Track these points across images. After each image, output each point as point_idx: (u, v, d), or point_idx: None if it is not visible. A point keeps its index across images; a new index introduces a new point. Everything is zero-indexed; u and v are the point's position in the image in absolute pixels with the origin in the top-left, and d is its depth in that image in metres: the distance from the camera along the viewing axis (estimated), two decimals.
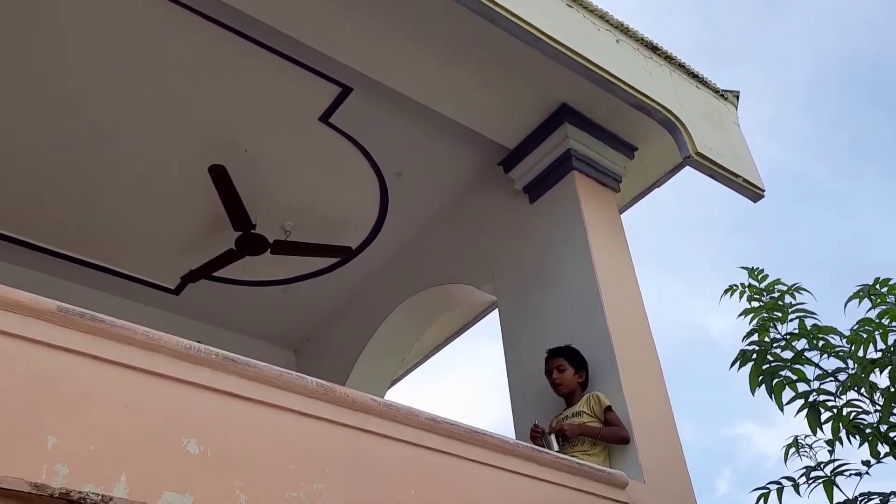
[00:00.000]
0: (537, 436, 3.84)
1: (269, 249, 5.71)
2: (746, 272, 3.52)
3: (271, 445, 2.57)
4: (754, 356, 3.38)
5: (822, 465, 3.35)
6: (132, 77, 4.77)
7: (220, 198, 5.32)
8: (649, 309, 4.53)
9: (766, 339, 3.41)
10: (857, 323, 3.31)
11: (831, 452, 3.36)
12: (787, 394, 3.39)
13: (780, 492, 3.32)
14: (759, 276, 3.51)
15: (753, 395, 3.42)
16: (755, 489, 3.35)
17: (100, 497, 2.11)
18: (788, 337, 3.37)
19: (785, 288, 3.44)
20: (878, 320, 3.26)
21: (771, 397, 3.37)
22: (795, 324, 3.39)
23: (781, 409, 3.38)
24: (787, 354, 3.38)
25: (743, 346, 3.47)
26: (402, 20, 4.36)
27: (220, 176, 5.22)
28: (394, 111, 5.02)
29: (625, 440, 3.86)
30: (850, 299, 3.38)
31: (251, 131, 5.19)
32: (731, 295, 3.52)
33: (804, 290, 3.43)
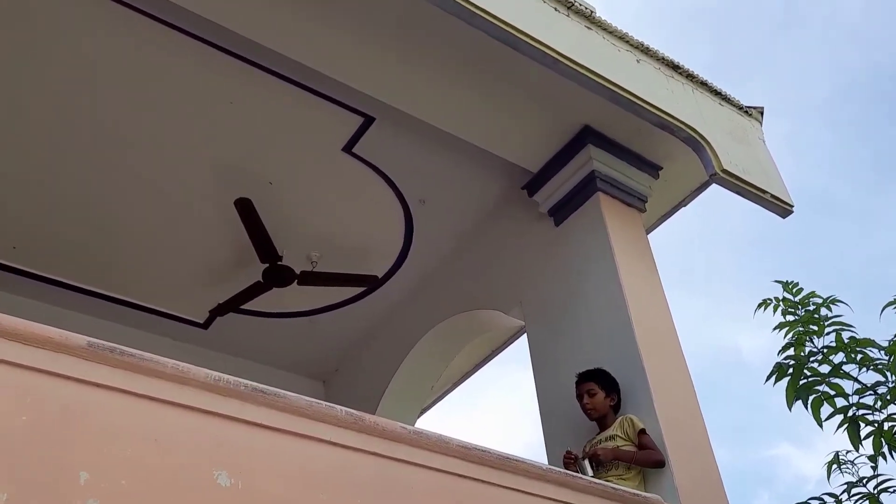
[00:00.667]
0: (570, 462, 3.79)
1: (296, 281, 5.73)
2: (780, 286, 3.47)
3: (302, 475, 2.56)
4: (790, 370, 3.32)
5: (864, 481, 3.28)
6: (158, 113, 4.83)
7: (247, 230, 5.36)
8: (679, 329, 4.47)
9: (803, 353, 3.35)
10: None
11: (874, 468, 3.30)
12: (826, 409, 3.33)
13: None
14: (794, 290, 3.46)
15: (790, 409, 3.36)
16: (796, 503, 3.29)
17: None
18: (825, 350, 3.32)
19: (820, 300, 3.38)
20: None
21: (809, 412, 3.31)
22: (832, 337, 3.33)
23: (821, 425, 3.32)
24: (824, 369, 3.32)
25: (778, 360, 3.41)
26: (421, 48, 4.39)
27: (245, 209, 5.26)
28: (416, 139, 5.04)
29: (660, 464, 3.79)
30: (887, 306, 3.31)
31: (275, 163, 5.23)
32: (766, 309, 3.47)
33: (840, 301, 3.38)
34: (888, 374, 3.26)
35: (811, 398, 3.34)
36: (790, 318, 3.46)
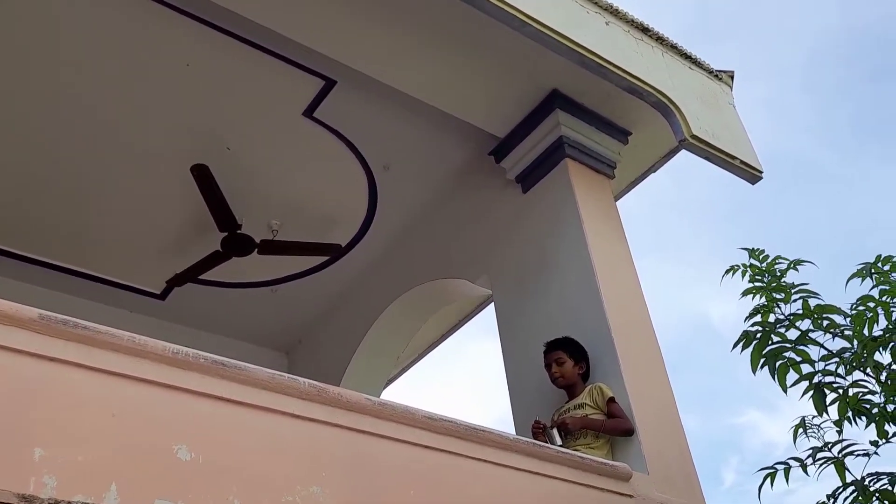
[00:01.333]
0: (539, 431, 3.76)
1: (257, 250, 5.62)
2: (747, 253, 3.45)
3: (265, 449, 2.52)
4: (758, 336, 3.31)
5: (829, 446, 3.30)
6: (112, 77, 4.67)
7: (204, 198, 5.22)
8: (648, 297, 4.46)
9: (770, 321, 3.35)
10: (858, 300, 3.26)
11: (839, 433, 3.31)
12: (792, 376, 3.33)
13: (786, 472, 3.28)
14: (761, 257, 3.44)
15: (755, 374, 3.36)
16: (761, 468, 3.30)
17: None
18: (792, 317, 3.31)
19: (786, 264, 3.37)
20: (880, 298, 3.21)
21: (774, 379, 3.31)
22: (799, 305, 3.33)
23: (785, 391, 3.32)
24: (792, 335, 3.32)
25: (746, 327, 3.40)
26: (383, 9, 4.27)
27: (202, 175, 5.12)
28: (380, 103, 4.93)
29: (629, 432, 3.78)
30: (851, 277, 3.33)
31: (233, 128, 5.09)
32: (733, 275, 3.45)
33: (806, 261, 3.37)
34: (854, 341, 3.27)
35: (777, 364, 3.33)
36: (757, 284, 3.44)
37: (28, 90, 4.67)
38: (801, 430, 3.37)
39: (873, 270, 3.32)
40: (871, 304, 3.21)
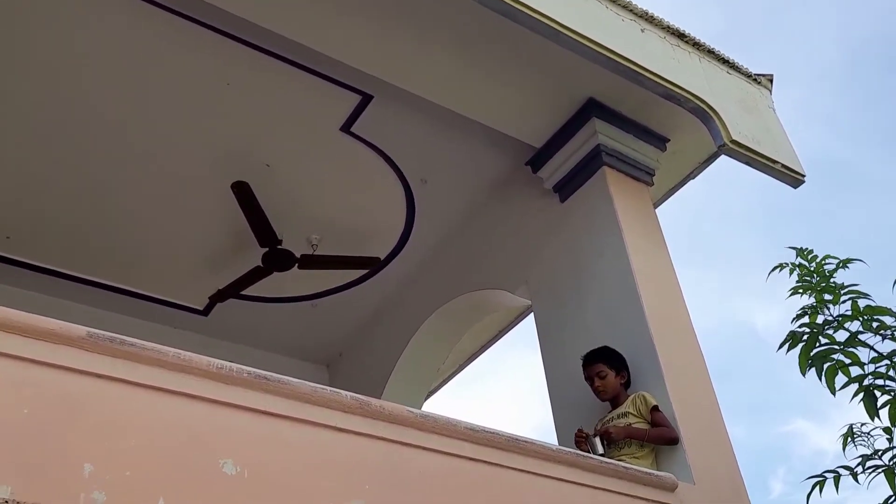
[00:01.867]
0: (582, 440, 3.73)
1: (297, 264, 5.66)
2: (795, 252, 3.38)
3: (308, 462, 2.53)
4: (805, 337, 3.25)
5: (880, 454, 3.23)
6: (153, 97, 4.75)
7: (245, 214, 5.28)
8: (690, 305, 4.40)
9: (818, 322, 3.28)
10: None
11: (889, 440, 3.24)
12: (840, 379, 3.26)
13: (836, 480, 3.22)
14: (809, 257, 3.38)
15: (804, 375, 3.30)
16: (810, 477, 3.24)
17: None
18: (840, 318, 3.24)
19: (835, 263, 3.30)
20: None
21: (822, 381, 3.25)
22: (847, 306, 3.26)
23: (833, 393, 3.26)
24: (840, 336, 3.25)
25: (793, 328, 3.34)
26: (417, 22, 4.28)
27: (243, 192, 5.18)
28: (416, 116, 4.95)
29: (673, 441, 3.73)
30: None
31: (272, 145, 5.15)
32: (780, 271, 3.38)
33: (856, 259, 3.30)
34: None
35: (826, 366, 3.27)
36: (806, 282, 3.37)
37: (70, 112, 4.76)
38: (850, 438, 3.31)
39: None
40: None
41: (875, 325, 3.22)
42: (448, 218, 5.73)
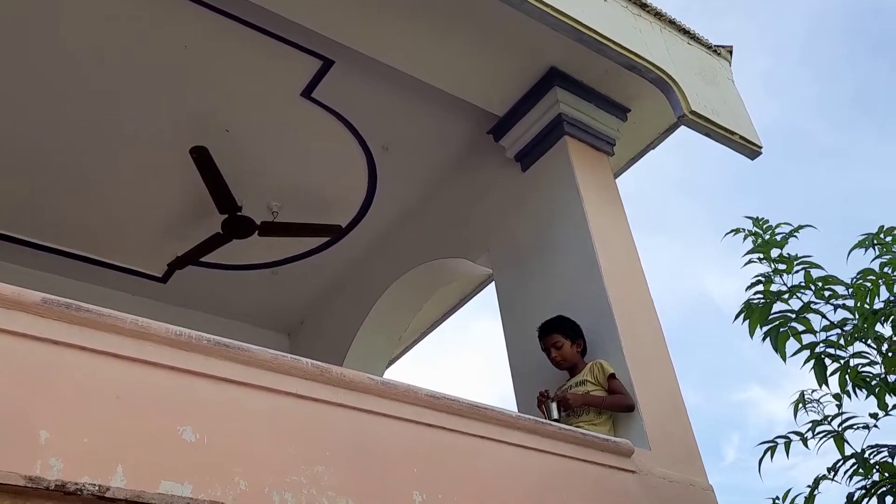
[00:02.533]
0: (544, 401, 3.78)
1: (257, 231, 5.61)
2: (751, 221, 3.43)
3: (269, 430, 2.53)
4: (760, 305, 3.31)
5: (829, 419, 3.31)
6: (109, 61, 4.65)
7: (204, 180, 5.21)
8: (649, 275, 4.46)
9: (772, 290, 3.34)
10: (859, 273, 3.25)
11: (839, 406, 3.32)
12: (792, 346, 3.33)
13: (787, 445, 3.29)
14: (764, 227, 3.43)
15: (752, 338, 3.35)
16: (762, 443, 3.32)
17: (96, 487, 2.07)
18: (793, 288, 3.30)
19: (789, 229, 3.35)
20: (881, 270, 3.21)
21: (775, 349, 3.31)
22: (801, 277, 3.32)
23: (784, 360, 3.32)
24: (794, 305, 3.32)
25: (748, 296, 3.39)
26: None
27: (202, 157, 5.10)
28: (378, 83, 4.91)
29: (630, 408, 3.80)
30: (854, 248, 3.31)
31: (232, 110, 5.07)
32: (735, 235, 3.43)
33: (808, 226, 3.36)
34: (855, 312, 3.27)
35: (780, 331, 3.33)
36: (759, 255, 3.43)
37: (27, 75, 4.64)
38: (801, 404, 3.38)
39: (875, 241, 3.31)
40: (873, 278, 3.21)
41: (827, 293, 3.28)
42: (410, 186, 5.71)
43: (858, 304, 3.24)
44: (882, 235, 3.28)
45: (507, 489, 3.01)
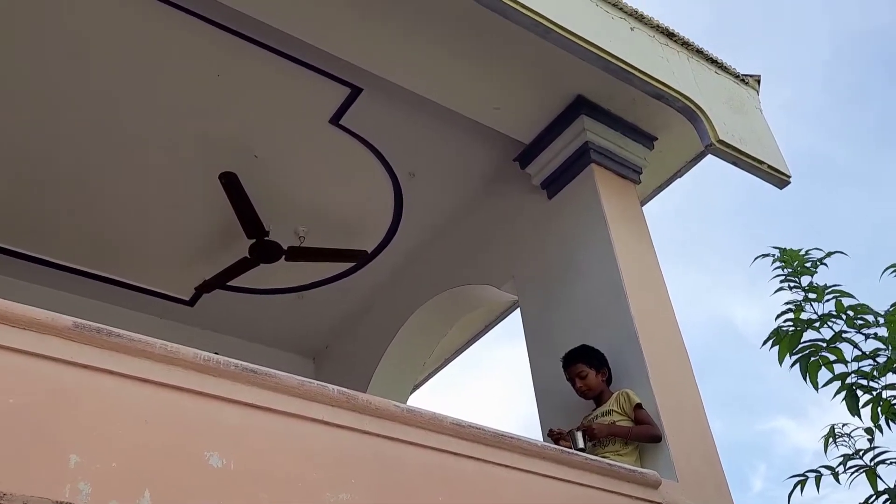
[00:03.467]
0: (555, 438, 3.74)
1: (284, 256, 5.65)
2: (779, 252, 3.39)
3: (294, 456, 2.53)
4: (789, 332, 3.26)
5: (861, 454, 3.25)
6: (142, 86, 4.73)
7: (232, 205, 5.27)
8: (674, 302, 4.43)
9: (802, 318, 3.29)
10: (894, 304, 3.20)
11: (870, 440, 3.26)
12: (824, 376, 3.28)
13: (817, 480, 3.23)
14: (792, 256, 3.39)
15: (780, 364, 3.30)
16: (792, 476, 3.26)
17: None
18: (824, 317, 3.26)
19: (819, 255, 3.31)
20: None
21: (805, 378, 3.26)
22: (832, 305, 3.27)
23: (816, 389, 3.27)
24: (825, 334, 3.27)
25: (777, 324, 3.35)
26: (408, 16, 4.28)
27: (231, 183, 5.16)
28: (405, 110, 4.95)
29: (656, 439, 3.76)
30: (887, 269, 3.24)
31: (261, 136, 5.13)
32: (764, 259, 3.38)
33: (838, 251, 3.31)
34: (889, 344, 3.22)
35: (810, 360, 3.28)
36: (788, 283, 3.39)
37: (59, 99, 4.74)
38: (831, 438, 3.33)
39: None
40: None
41: (859, 322, 3.23)
42: (436, 212, 5.73)
43: (892, 334, 3.18)
44: None
45: None
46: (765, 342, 3.35)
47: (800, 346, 3.26)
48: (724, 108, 4.37)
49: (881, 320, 3.20)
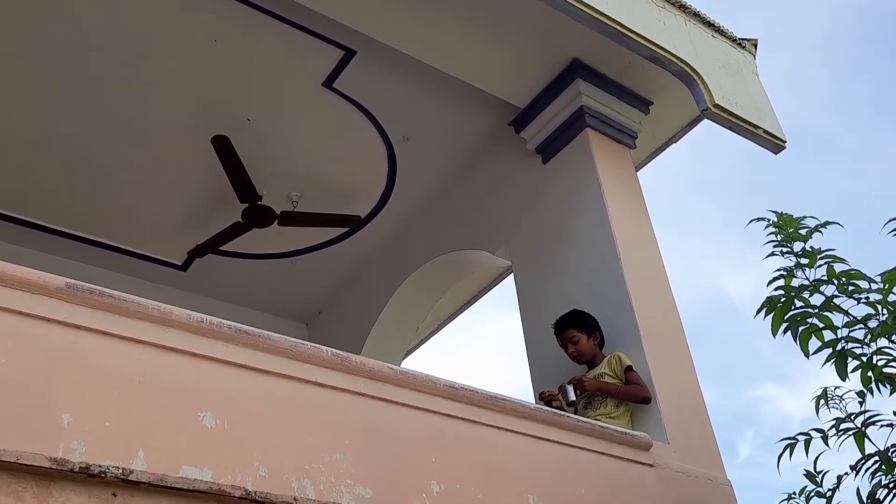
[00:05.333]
0: (549, 401, 3.77)
1: (277, 221, 5.63)
2: (774, 215, 3.39)
3: (288, 417, 2.54)
4: (781, 301, 3.27)
5: (852, 417, 3.28)
6: (133, 50, 4.67)
7: (225, 169, 5.23)
8: (667, 269, 4.43)
9: (793, 285, 3.30)
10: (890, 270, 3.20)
11: (861, 403, 3.29)
12: (814, 343, 3.30)
13: (807, 443, 3.27)
14: (788, 220, 3.39)
15: (774, 336, 3.32)
16: (782, 439, 3.29)
17: (119, 471, 2.09)
18: (816, 283, 3.27)
19: (813, 225, 3.31)
20: None
21: (797, 343, 3.28)
22: (823, 270, 3.28)
23: (807, 356, 3.29)
24: (816, 300, 3.28)
25: (765, 296, 3.36)
26: None
27: (223, 147, 5.12)
28: (399, 73, 4.90)
29: (646, 399, 3.79)
30: (891, 220, 3.23)
31: (253, 100, 5.09)
32: (759, 223, 3.38)
33: (833, 223, 3.31)
34: (879, 307, 3.23)
35: (800, 329, 3.30)
36: (781, 249, 3.39)
37: (53, 63, 4.67)
38: (823, 400, 3.35)
39: None
40: None
41: (850, 288, 3.24)
42: (430, 177, 5.71)
43: (886, 296, 3.18)
44: None
45: (524, 480, 3.01)
46: (758, 312, 3.36)
47: (791, 313, 3.27)
48: (721, 72, 4.34)
49: (874, 286, 3.21)
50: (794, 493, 3.54)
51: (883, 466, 3.10)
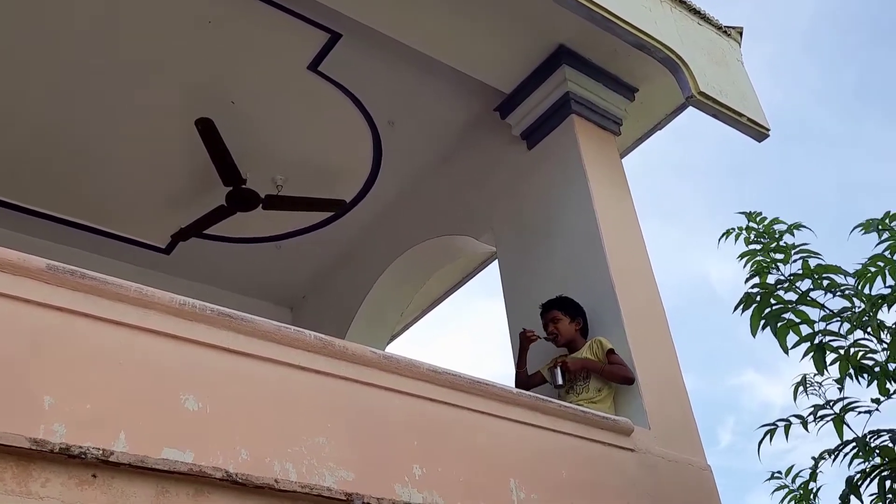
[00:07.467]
0: (528, 338, 3.92)
1: (261, 205, 5.61)
2: (745, 217, 3.42)
3: (271, 400, 2.54)
4: (758, 298, 3.31)
5: (831, 403, 3.31)
6: (116, 31, 4.63)
7: (208, 152, 5.20)
8: (650, 256, 4.45)
9: (769, 282, 3.33)
10: (869, 259, 3.23)
11: (840, 390, 3.32)
12: (793, 338, 3.33)
13: (787, 428, 3.30)
14: (758, 220, 3.42)
15: (754, 336, 3.35)
16: (763, 425, 3.32)
17: (100, 452, 2.08)
18: (792, 278, 3.30)
19: (785, 227, 3.35)
20: (887, 255, 3.20)
21: (776, 337, 3.31)
22: (799, 265, 3.31)
23: (786, 352, 3.32)
24: (791, 296, 3.31)
25: (747, 289, 3.39)
26: None
27: (207, 129, 5.09)
28: (385, 57, 4.88)
29: (628, 380, 3.81)
30: (856, 227, 3.28)
31: (238, 82, 5.06)
32: (727, 238, 3.43)
33: (804, 227, 3.35)
34: (855, 300, 3.26)
35: (778, 325, 3.33)
36: (755, 246, 3.42)
37: (37, 40, 4.62)
38: (801, 387, 3.39)
39: (881, 227, 3.29)
40: (881, 264, 3.19)
41: (825, 283, 3.27)
42: (415, 162, 5.70)
43: (861, 290, 3.23)
44: (888, 221, 3.26)
45: (506, 464, 3.03)
46: (735, 307, 3.39)
47: (768, 310, 3.30)
48: (706, 59, 4.35)
49: (850, 281, 3.24)
50: (780, 472, 3.59)
51: (860, 453, 3.14)
